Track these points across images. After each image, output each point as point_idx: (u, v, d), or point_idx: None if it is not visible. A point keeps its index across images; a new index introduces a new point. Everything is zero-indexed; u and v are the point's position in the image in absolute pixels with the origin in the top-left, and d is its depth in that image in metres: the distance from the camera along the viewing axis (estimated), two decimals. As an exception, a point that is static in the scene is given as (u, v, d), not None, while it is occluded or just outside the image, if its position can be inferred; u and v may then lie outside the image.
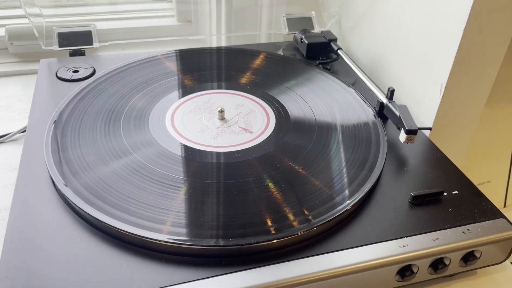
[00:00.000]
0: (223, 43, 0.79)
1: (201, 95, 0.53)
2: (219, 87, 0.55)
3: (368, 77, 0.56)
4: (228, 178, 0.42)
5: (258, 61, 0.61)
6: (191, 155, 0.44)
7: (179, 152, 0.44)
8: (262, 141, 0.47)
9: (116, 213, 0.37)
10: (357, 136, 0.48)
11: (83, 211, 0.37)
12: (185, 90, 0.54)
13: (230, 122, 0.49)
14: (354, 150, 0.46)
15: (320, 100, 0.53)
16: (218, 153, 0.45)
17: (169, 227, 0.36)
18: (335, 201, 0.40)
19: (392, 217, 0.40)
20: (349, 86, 0.56)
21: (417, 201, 0.41)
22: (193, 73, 0.57)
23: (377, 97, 0.53)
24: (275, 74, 0.58)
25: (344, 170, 0.43)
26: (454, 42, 0.48)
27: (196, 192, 0.40)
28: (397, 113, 0.48)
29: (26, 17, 0.74)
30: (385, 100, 0.51)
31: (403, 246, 0.37)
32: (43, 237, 0.36)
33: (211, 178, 0.42)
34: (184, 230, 0.36)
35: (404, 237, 0.38)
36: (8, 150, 0.55)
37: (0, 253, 0.35)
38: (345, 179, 0.42)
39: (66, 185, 0.39)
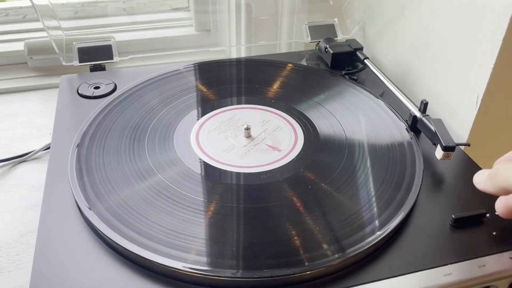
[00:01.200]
0: (242, 54, 0.77)
1: (225, 110, 0.52)
2: (243, 102, 0.53)
3: (398, 88, 0.54)
4: (258, 202, 0.40)
5: (283, 73, 0.59)
6: (218, 176, 0.43)
7: (205, 173, 0.43)
8: (291, 160, 0.45)
9: (140, 239, 0.36)
10: (391, 154, 0.46)
11: (108, 237, 0.36)
12: (209, 106, 0.52)
13: (257, 140, 0.47)
14: (389, 169, 0.44)
15: (350, 115, 0.51)
16: (246, 174, 0.43)
17: (194, 256, 0.35)
18: (372, 226, 0.38)
19: (433, 242, 0.38)
20: (379, 99, 0.53)
21: (459, 224, 0.39)
22: (216, 87, 0.56)
23: (408, 109, 0.50)
24: (301, 86, 0.56)
25: (379, 191, 0.41)
26: (492, 52, 0.46)
27: (222, 217, 0.38)
28: (433, 128, 0.46)
29: (44, 31, 0.74)
30: (418, 114, 0.49)
31: (447, 274, 0.35)
32: (71, 265, 0.35)
33: (239, 201, 0.40)
34: (209, 260, 0.34)
35: (447, 264, 0.36)
36: (31, 169, 0.55)
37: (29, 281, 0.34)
38: (381, 202, 0.40)
39: (90, 209, 0.38)
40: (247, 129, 0.47)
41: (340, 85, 0.56)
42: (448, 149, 0.43)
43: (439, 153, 0.44)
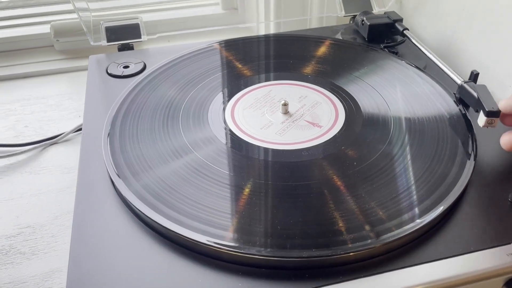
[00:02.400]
0: (271, 30, 0.75)
1: (260, 87, 0.49)
2: (279, 78, 0.51)
3: (439, 59, 0.50)
4: (299, 179, 0.38)
5: (318, 48, 0.56)
6: (256, 153, 0.41)
7: (242, 150, 0.41)
8: (332, 136, 0.42)
9: (179, 217, 0.34)
10: (440, 129, 0.43)
11: (147, 216, 0.34)
12: (243, 83, 0.50)
13: (295, 116, 0.45)
14: (439, 144, 0.41)
15: (393, 89, 0.48)
16: (286, 151, 0.41)
17: (244, 235, 0.33)
18: (424, 204, 0.35)
19: (492, 219, 0.35)
20: (423, 72, 0.50)
21: (520, 201, 0.36)
22: (249, 63, 0.53)
23: (454, 82, 0.47)
24: (339, 61, 0.53)
25: (431, 168, 0.38)
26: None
27: (265, 195, 0.36)
28: (475, 94, 0.42)
29: (70, 13, 0.73)
30: (459, 81, 0.45)
31: (511, 253, 0.32)
32: (109, 246, 0.34)
33: (279, 179, 0.38)
34: (260, 240, 0.33)
35: (510, 243, 0.33)
36: (62, 152, 0.54)
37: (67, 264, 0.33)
38: (433, 179, 0.37)
39: (130, 191, 0.37)
40: (285, 105, 0.45)
41: (381, 59, 0.53)
42: (491, 114, 0.39)
43: (481, 120, 0.40)
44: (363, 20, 0.58)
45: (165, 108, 0.46)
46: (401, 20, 0.58)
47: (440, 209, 0.34)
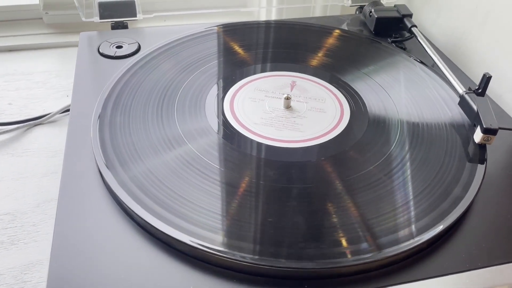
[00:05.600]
0: (273, 16, 0.71)
1: (262, 77, 0.47)
2: (283, 69, 0.48)
3: (448, 60, 0.48)
4: (295, 181, 0.35)
5: (328, 39, 0.53)
6: (252, 149, 0.38)
7: (239, 145, 0.38)
8: (335, 137, 0.40)
9: (168, 216, 0.32)
10: (450, 136, 0.41)
11: (131, 210, 0.32)
12: (245, 71, 0.47)
13: (297, 111, 0.43)
14: (447, 153, 0.39)
15: (402, 89, 0.46)
16: (283, 149, 0.38)
17: (233, 240, 0.31)
18: (430, 216, 0.33)
19: (500, 234, 0.33)
20: (435, 73, 0.48)
21: (530, 215, 0.34)
22: (251, 51, 0.51)
23: (467, 84, 0.45)
24: (347, 55, 0.51)
25: (438, 178, 0.36)
26: None
27: (258, 195, 0.34)
28: (475, 107, 0.40)
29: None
30: (461, 90, 0.43)
31: (518, 272, 0.31)
32: (94, 241, 0.31)
33: (275, 179, 0.35)
34: (251, 246, 0.30)
35: (518, 261, 0.31)
36: (47, 133, 0.51)
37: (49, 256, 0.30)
38: (439, 190, 0.35)
39: (117, 182, 0.34)
40: (287, 99, 0.43)
41: (391, 55, 0.51)
42: (488, 131, 0.38)
43: (478, 135, 0.39)
44: (371, 12, 0.56)
45: (160, 94, 0.43)
46: (410, 15, 0.55)
47: (439, 227, 0.32)
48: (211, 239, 0.31)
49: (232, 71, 0.47)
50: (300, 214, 0.33)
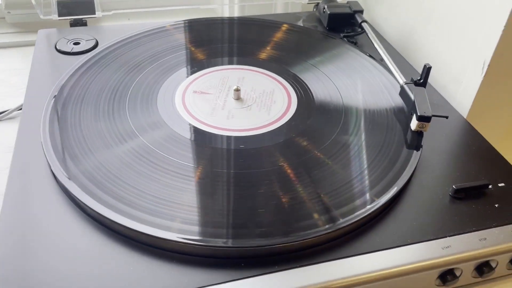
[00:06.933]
0: (235, 13, 0.73)
1: (214, 71, 0.48)
2: (234, 63, 0.50)
3: (394, 55, 0.50)
4: (246, 167, 0.37)
5: (277, 34, 0.55)
6: (204, 139, 0.40)
7: (190, 136, 0.40)
8: (282, 125, 0.42)
9: (120, 206, 0.33)
10: (390, 121, 0.43)
11: (83, 202, 0.33)
12: (197, 65, 0.49)
13: (247, 102, 0.44)
14: (387, 137, 0.41)
15: (347, 78, 0.48)
16: (233, 137, 0.40)
17: (181, 224, 0.32)
18: (367, 196, 0.35)
19: (431, 213, 0.35)
20: (378, 63, 0.50)
21: (459, 195, 0.36)
22: (205, 46, 0.52)
23: (409, 75, 0.47)
24: (296, 48, 0.53)
25: (376, 160, 0.38)
26: (502, 14, 0.42)
27: (210, 183, 0.36)
28: (412, 96, 0.43)
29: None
30: (401, 81, 0.46)
31: (446, 247, 0.33)
32: (41, 231, 0.32)
33: (226, 166, 0.37)
34: (196, 228, 0.32)
35: (446, 237, 0.33)
36: (4, 129, 0.51)
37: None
38: (378, 171, 0.37)
39: (66, 175, 0.35)
40: (237, 90, 0.44)
41: (338, 48, 0.53)
42: (422, 119, 0.40)
43: (413, 123, 0.41)
44: (324, 8, 0.58)
45: (112, 88, 0.44)
46: (361, 11, 0.58)
47: (381, 201, 0.35)
48: (165, 226, 0.32)
49: (184, 66, 0.48)
50: (251, 197, 0.35)
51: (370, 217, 0.34)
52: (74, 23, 0.56)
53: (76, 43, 0.52)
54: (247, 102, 0.44)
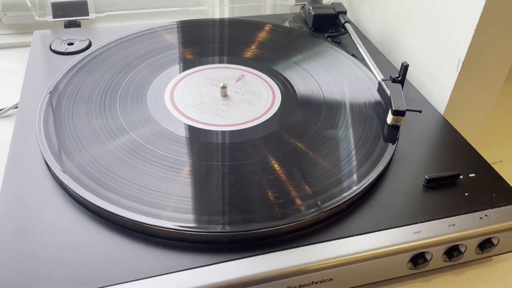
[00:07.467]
0: (226, 15, 0.75)
1: (202, 69, 0.50)
2: (222, 62, 0.52)
3: (375, 55, 0.52)
4: (232, 160, 0.39)
5: (262, 34, 0.58)
6: (192, 134, 0.42)
7: (179, 131, 0.42)
8: (267, 119, 0.44)
9: (112, 196, 0.35)
10: (368, 115, 0.45)
11: (78, 194, 0.35)
12: (186, 64, 0.51)
13: (233, 99, 0.46)
14: (365, 130, 0.43)
15: (329, 76, 0.50)
16: (220, 132, 0.42)
17: (170, 212, 0.34)
18: (345, 184, 0.37)
19: (405, 201, 0.37)
20: (359, 61, 0.52)
21: (432, 185, 0.39)
22: (194, 46, 0.54)
23: (389, 72, 0.49)
24: (281, 47, 0.55)
25: (354, 151, 0.41)
26: (474, 14, 0.45)
27: (197, 174, 0.38)
28: (388, 92, 0.45)
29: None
30: (379, 78, 0.48)
31: (417, 232, 0.35)
32: (37, 221, 0.34)
33: (213, 159, 0.39)
34: (185, 216, 0.34)
35: (417, 223, 0.36)
36: (1, 126, 0.53)
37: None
38: (355, 161, 0.40)
39: (61, 169, 0.37)
40: (223, 87, 0.46)
41: (319, 46, 0.55)
42: (397, 113, 0.42)
43: (389, 117, 0.43)
44: (309, 9, 0.60)
45: (104, 86, 0.46)
46: (345, 12, 0.60)
47: (358, 189, 0.37)
48: (156, 214, 0.34)
49: (174, 65, 0.51)
50: (238, 186, 0.37)
51: (347, 205, 0.36)
52: (68, 25, 0.58)
53: (70, 44, 0.54)
54: (233, 99, 0.46)
